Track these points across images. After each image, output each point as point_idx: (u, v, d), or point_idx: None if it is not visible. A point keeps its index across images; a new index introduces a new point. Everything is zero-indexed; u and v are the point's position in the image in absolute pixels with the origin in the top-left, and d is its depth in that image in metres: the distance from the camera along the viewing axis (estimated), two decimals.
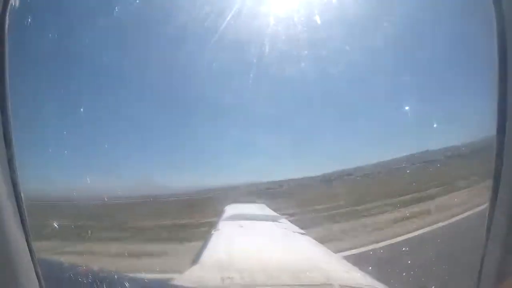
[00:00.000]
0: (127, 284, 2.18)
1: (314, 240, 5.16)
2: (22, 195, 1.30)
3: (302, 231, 5.82)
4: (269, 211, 7.48)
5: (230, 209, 7.61)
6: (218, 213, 7.35)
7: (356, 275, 3.56)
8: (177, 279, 3.59)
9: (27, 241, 1.30)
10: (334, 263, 3.89)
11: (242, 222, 6.37)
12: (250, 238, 5.57)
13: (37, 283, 1.30)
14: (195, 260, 4.28)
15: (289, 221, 6.58)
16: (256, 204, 8.14)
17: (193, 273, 3.75)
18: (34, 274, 1.30)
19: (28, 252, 1.29)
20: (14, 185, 1.26)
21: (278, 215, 7.03)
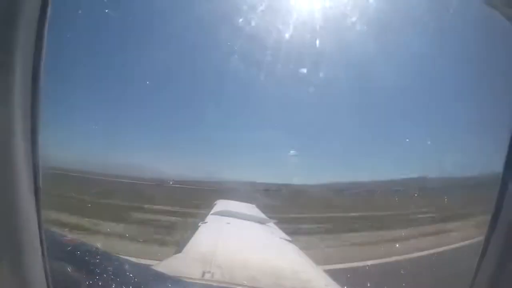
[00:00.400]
0: (115, 264, 2.22)
1: (298, 249, 5.18)
2: (40, 162, 1.31)
3: (288, 237, 5.84)
4: (258, 213, 7.51)
5: (220, 205, 7.64)
6: (208, 206, 7.38)
7: None
8: (159, 265, 3.60)
9: (37, 209, 1.31)
10: (315, 275, 3.90)
11: (230, 220, 6.39)
12: (236, 236, 5.59)
13: (40, 252, 1.31)
14: (179, 249, 4.30)
15: (277, 225, 6.61)
16: (247, 204, 8.18)
17: (175, 262, 3.76)
18: (39, 242, 1.32)
19: (37, 221, 1.30)
20: (34, 153, 1.27)
21: (266, 218, 7.06)
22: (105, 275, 2.03)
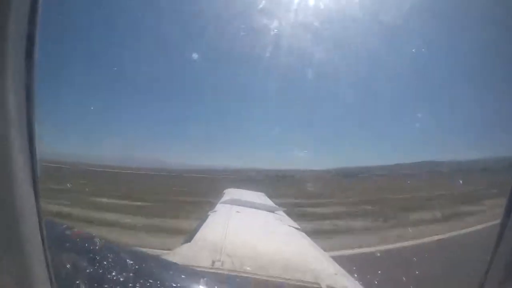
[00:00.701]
0: (120, 254, 2.23)
1: (307, 237, 5.18)
2: (37, 155, 1.30)
3: (297, 226, 5.84)
4: (267, 201, 7.52)
5: (230, 193, 7.66)
6: (218, 195, 7.41)
7: (344, 278, 3.56)
8: (168, 254, 3.63)
9: (36, 201, 1.31)
10: (325, 263, 3.90)
11: (240, 208, 6.41)
12: (245, 225, 5.60)
13: (41, 244, 1.31)
14: (188, 238, 4.33)
15: (286, 213, 6.61)
16: (256, 192, 8.20)
17: (184, 251, 3.78)
18: (39, 234, 1.32)
19: (36, 212, 1.29)
20: (31, 145, 1.27)
21: (276, 206, 7.07)
22: (113, 266, 2.04)
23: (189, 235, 4.50)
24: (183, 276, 2.62)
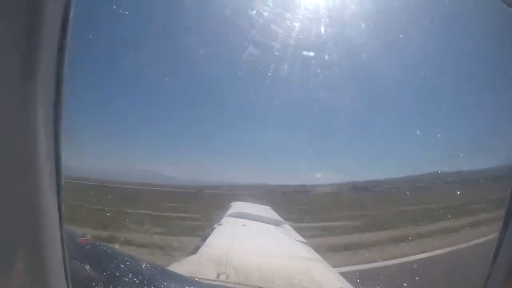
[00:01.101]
0: (127, 264, 2.26)
1: (313, 251, 5.15)
2: (62, 171, 1.35)
3: (303, 240, 5.81)
4: (274, 215, 7.49)
5: (236, 206, 7.65)
6: (224, 208, 7.41)
7: None
8: (175, 266, 3.64)
9: (59, 207, 1.35)
10: (330, 278, 3.88)
11: (246, 221, 6.41)
12: (251, 238, 5.60)
13: (61, 251, 1.34)
14: (195, 250, 4.34)
15: (292, 228, 6.58)
16: (262, 206, 8.17)
17: (190, 263, 3.80)
18: (60, 242, 1.35)
19: (58, 218, 1.33)
20: (57, 153, 1.32)
21: (282, 220, 7.04)
22: (121, 276, 2.07)
23: (195, 247, 4.52)
24: None
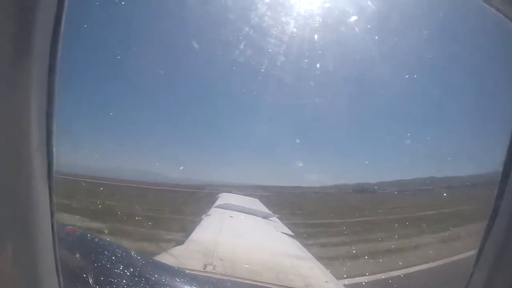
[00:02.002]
0: (115, 254, 2.25)
1: (300, 245, 5.21)
2: (54, 163, 1.34)
3: (291, 232, 5.86)
4: (261, 207, 7.53)
5: (224, 197, 7.66)
6: (212, 200, 7.42)
7: (335, 286, 3.60)
8: (162, 256, 3.64)
9: (50, 197, 1.34)
10: (316, 271, 3.93)
11: (233, 213, 6.42)
12: (238, 230, 5.62)
13: (51, 240, 1.34)
14: (182, 240, 4.35)
15: (280, 220, 6.63)
16: (250, 198, 8.19)
17: (178, 254, 3.80)
18: (50, 230, 1.34)
19: (49, 208, 1.33)
20: (49, 144, 1.31)
21: (270, 212, 7.08)
22: (110, 265, 2.06)
23: (183, 238, 4.52)
24: (175, 278, 2.63)
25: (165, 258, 3.56)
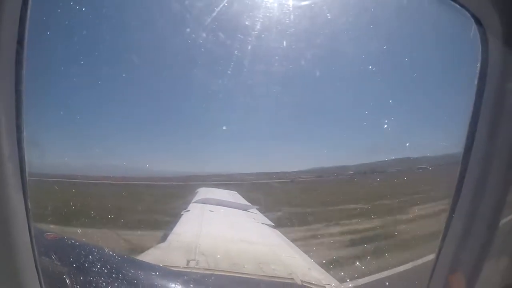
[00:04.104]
0: (96, 255, 2.22)
1: (281, 234, 5.27)
2: (26, 171, 1.30)
3: (271, 223, 5.92)
4: (241, 199, 7.55)
5: (203, 192, 7.63)
6: (191, 194, 7.37)
7: (318, 272, 3.66)
8: (144, 255, 3.60)
9: (25, 205, 1.30)
10: (298, 259, 3.99)
11: (213, 207, 6.41)
12: (219, 224, 5.63)
13: (30, 246, 1.31)
14: (163, 238, 4.31)
15: (260, 211, 6.67)
16: (229, 191, 8.20)
17: (159, 252, 3.77)
18: (29, 237, 1.31)
19: (26, 217, 1.29)
20: (20, 152, 1.27)
21: (249, 204, 7.11)
22: (91, 268, 2.03)
23: (163, 236, 4.49)
24: (158, 277, 2.62)
25: (147, 257, 3.52)
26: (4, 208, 1.23)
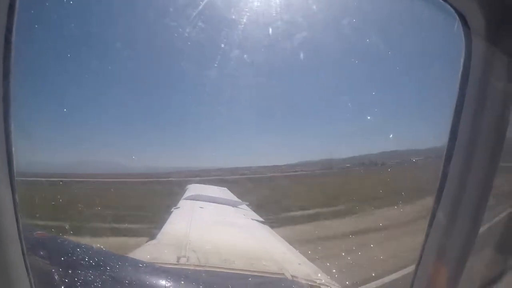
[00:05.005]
0: (87, 253, 2.21)
1: (271, 230, 5.30)
2: (14, 166, 1.29)
3: (261, 219, 5.94)
4: (231, 196, 7.56)
5: (192, 189, 7.62)
6: (180, 191, 7.36)
7: (307, 267, 3.70)
8: (134, 253, 3.59)
9: (16, 217, 1.29)
10: (289, 255, 4.02)
11: (203, 204, 6.41)
12: (209, 220, 5.63)
13: (20, 245, 1.29)
14: (153, 235, 4.30)
15: (250, 207, 6.70)
16: (219, 187, 8.20)
17: (150, 249, 3.76)
18: (17, 236, 1.30)
19: (14, 212, 1.28)
20: (8, 146, 1.25)
21: (239, 200, 7.13)
22: (82, 266, 2.02)
23: (154, 232, 4.47)
24: (149, 274, 2.62)
25: (137, 254, 3.51)
26: None
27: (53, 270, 1.85)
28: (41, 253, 1.85)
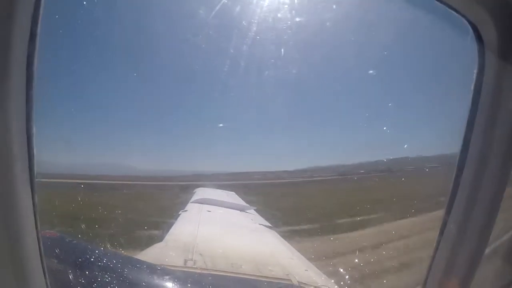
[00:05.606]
0: (95, 254, 2.23)
1: (278, 235, 5.28)
2: (35, 170, 1.31)
3: (268, 224, 5.93)
4: (238, 200, 7.56)
5: (200, 192, 7.64)
6: (189, 194, 7.39)
7: (315, 274, 3.68)
8: (142, 254, 3.61)
9: (35, 218, 1.32)
10: (295, 260, 4.01)
11: (211, 207, 6.43)
12: (216, 224, 5.64)
13: (37, 245, 1.31)
14: (161, 238, 4.32)
15: (258, 212, 6.69)
16: (226, 191, 8.20)
17: (158, 251, 3.78)
18: (36, 237, 1.32)
19: (34, 217, 1.30)
20: (29, 151, 1.28)
21: (247, 205, 7.12)
22: (91, 267, 2.05)
23: (162, 235, 4.50)
24: (156, 276, 2.63)
25: (145, 255, 3.53)
26: (13, 206, 1.24)
27: (63, 269, 1.88)
28: (51, 252, 1.88)
